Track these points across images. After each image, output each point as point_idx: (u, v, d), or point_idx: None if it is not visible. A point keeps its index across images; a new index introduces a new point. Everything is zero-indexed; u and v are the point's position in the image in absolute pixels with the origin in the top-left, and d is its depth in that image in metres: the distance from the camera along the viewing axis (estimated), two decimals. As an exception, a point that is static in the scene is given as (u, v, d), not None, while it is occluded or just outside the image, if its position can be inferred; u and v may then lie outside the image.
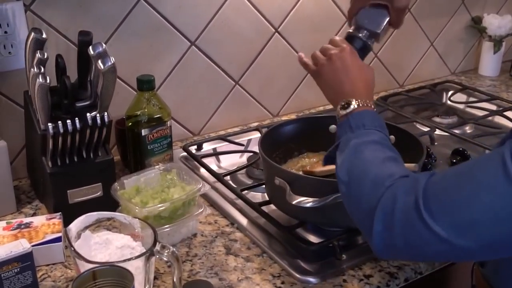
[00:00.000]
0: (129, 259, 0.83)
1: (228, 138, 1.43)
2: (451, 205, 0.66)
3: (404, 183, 0.73)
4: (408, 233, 0.69)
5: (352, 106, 0.89)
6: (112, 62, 0.99)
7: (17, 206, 1.15)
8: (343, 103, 0.90)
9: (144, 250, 0.88)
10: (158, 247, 0.85)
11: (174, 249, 0.85)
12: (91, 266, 0.79)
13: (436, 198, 0.68)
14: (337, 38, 0.98)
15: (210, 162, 1.35)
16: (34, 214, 1.14)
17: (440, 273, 1.05)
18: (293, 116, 1.61)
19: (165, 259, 0.85)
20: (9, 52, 1.15)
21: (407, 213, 0.69)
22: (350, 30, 1.02)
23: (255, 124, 1.55)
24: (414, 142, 1.10)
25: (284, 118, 1.60)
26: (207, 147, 1.42)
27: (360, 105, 0.89)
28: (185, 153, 1.36)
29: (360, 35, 1.00)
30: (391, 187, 0.74)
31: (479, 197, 0.64)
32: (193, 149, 1.38)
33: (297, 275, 0.96)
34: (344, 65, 0.93)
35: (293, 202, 0.96)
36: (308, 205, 0.95)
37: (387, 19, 1.00)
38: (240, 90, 1.52)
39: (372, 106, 0.90)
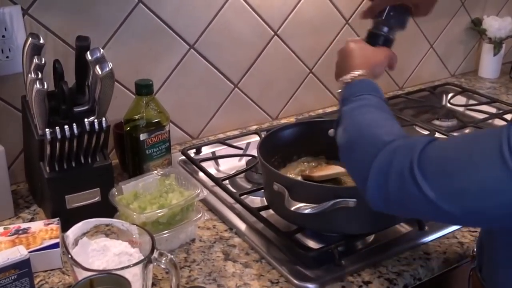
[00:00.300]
0: (126, 267, 0.83)
1: (227, 141, 1.43)
2: (443, 171, 0.69)
3: (403, 143, 0.76)
4: (400, 190, 0.73)
5: (343, 83, 0.93)
6: (110, 67, 0.99)
7: (15, 210, 1.15)
8: (346, 76, 0.94)
9: (142, 257, 0.87)
10: (156, 254, 0.85)
11: (172, 256, 0.85)
12: (88, 273, 0.79)
13: (430, 162, 0.70)
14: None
15: (209, 165, 1.35)
16: (32, 219, 1.14)
17: (439, 279, 1.05)
18: (292, 119, 1.60)
19: (163, 266, 0.85)
20: (7, 56, 1.15)
21: (401, 171, 0.72)
22: (371, 28, 1.03)
23: (254, 127, 1.55)
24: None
25: (283, 121, 1.60)
26: (206, 150, 1.41)
27: (349, 79, 0.92)
28: (184, 157, 1.35)
29: (381, 32, 1.01)
30: (390, 144, 0.76)
31: (471, 171, 0.67)
32: (192, 152, 1.38)
33: (296, 281, 0.96)
34: (341, 57, 0.99)
35: (292, 208, 0.96)
36: (306, 211, 0.95)
37: (408, 16, 1.03)
38: (239, 93, 1.51)
39: (367, 76, 0.92)
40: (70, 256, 0.84)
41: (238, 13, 1.43)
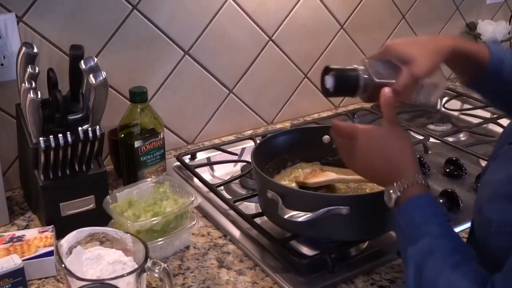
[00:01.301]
0: (120, 276, 0.83)
1: (222, 147, 1.43)
2: None
3: None
4: None
5: (393, 199, 0.81)
6: (104, 76, 0.99)
7: (10, 217, 1.15)
8: (385, 196, 0.83)
9: (136, 265, 0.88)
10: (149, 263, 0.85)
11: (166, 265, 0.85)
12: (82, 283, 0.79)
13: None
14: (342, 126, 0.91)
15: (204, 171, 1.35)
16: (27, 226, 1.14)
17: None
18: (287, 124, 1.61)
19: (156, 275, 0.85)
20: (1, 64, 1.15)
21: None
22: (356, 66, 0.92)
23: (249, 132, 1.55)
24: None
25: (279, 125, 1.60)
26: (201, 156, 1.42)
27: (402, 189, 0.80)
28: (178, 163, 1.35)
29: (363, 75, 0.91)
30: None
31: None
32: (186, 158, 1.38)
33: (289, 289, 0.96)
34: (368, 148, 0.87)
35: (285, 216, 0.96)
36: (300, 219, 0.95)
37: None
38: (234, 99, 1.52)
39: (419, 181, 0.81)
40: (63, 266, 0.84)
41: (233, 19, 1.43)
